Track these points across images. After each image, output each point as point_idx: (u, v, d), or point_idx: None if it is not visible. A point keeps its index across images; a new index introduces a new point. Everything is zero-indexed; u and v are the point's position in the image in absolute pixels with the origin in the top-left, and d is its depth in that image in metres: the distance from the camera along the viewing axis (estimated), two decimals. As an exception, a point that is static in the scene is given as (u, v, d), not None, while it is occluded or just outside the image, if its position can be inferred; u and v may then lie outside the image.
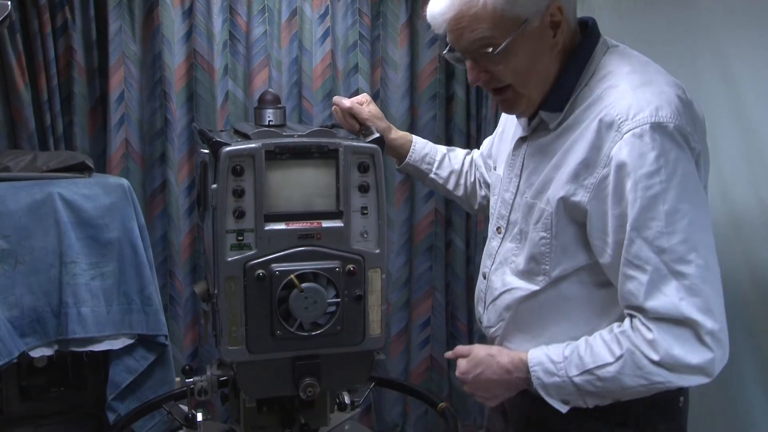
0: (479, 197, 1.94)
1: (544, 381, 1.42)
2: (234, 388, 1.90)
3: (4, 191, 2.04)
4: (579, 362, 1.39)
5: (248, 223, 1.66)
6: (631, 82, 1.36)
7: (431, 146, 1.96)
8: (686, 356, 1.31)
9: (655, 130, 1.30)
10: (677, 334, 1.31)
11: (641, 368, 1.34)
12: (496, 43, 1.37)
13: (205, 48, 2.69)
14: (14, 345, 2.01)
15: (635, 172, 1.30)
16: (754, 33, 1.91)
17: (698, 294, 1.30)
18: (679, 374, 1.33)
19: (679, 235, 1.30)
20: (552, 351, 1.43)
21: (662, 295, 1.31)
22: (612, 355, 1.36)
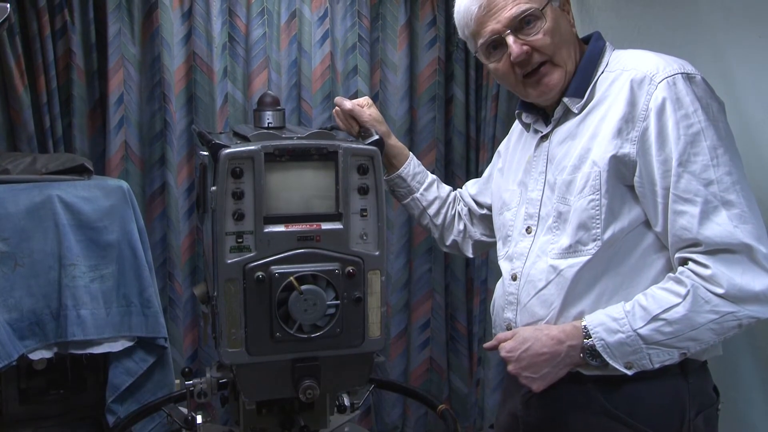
0: (455, 231, 1.95)
1: (607, 340, 1.40)
2: (233, 390, 1.90)
3: (3, 194, 2.04)
4: (643, 313, 1.39)
5: (247, 225, 1.67)
6: (650, 53, 1.49)
7: (423, 169, 1.99)
8: (750, 283, 1.34)
9: (685, 79, 1.41)
10: (735, 263, 1.34)
11: (709, 302, 1.35)
12: (536, 11, 1.50)
13: (205, 50, 2.69)
14: (13, 348, 2.01)
15: (675, 114, 1.39)
16: (752, 34, 1.91)
17: (749, 221, 1.36)
18: (745, 304, 1.35)
19: (723, 168, 1.37)
20: (611, 310, 1.43)
21: (715, 224, 1.35)
22: (677, 295, 1.38)
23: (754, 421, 1.98)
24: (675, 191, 1.38)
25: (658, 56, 1.47)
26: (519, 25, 1.51)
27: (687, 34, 2.08)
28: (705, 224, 1.36)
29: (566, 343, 1.45)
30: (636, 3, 2.26)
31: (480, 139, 3.03)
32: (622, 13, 2.30)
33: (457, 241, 1.95)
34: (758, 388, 1.97)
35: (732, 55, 1.96)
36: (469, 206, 1.95)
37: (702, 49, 2.04)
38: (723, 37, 1.98)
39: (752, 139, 1.93)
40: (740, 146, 1.94)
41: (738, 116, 1.95)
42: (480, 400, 3.11)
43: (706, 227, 1.36)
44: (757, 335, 1.96)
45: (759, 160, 1.91)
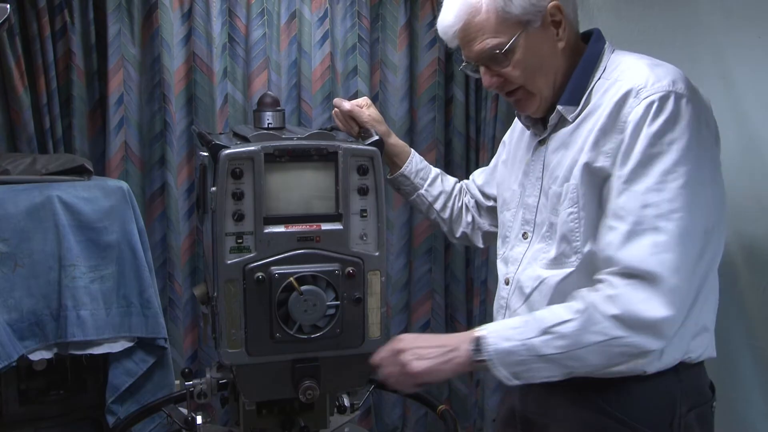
0: (464, 223, 1.94)
1: (500, 346, 1.39)
2: (233, 390, 1.90)
3: (3, 194, 2.04)
4: (537, 324, 1.39)
5: (247, 226, 1.67)
6: (646, 63, 1.44)
7: (426, 164, 1.97)
8: (644, 312, 1.31)
9: (670, 97, 1.35)
10: (640, 289, 1.32)
11: (599, 323, 1.34)
12: (502, 46, 1.46)
13: (204, 51, 2.69)
14: (13, 348, 2.01)
15: (646, 131, 1.34)
16: (752, 35, 1.91)
17: (671, 251, 1.32)
18: (635, 332, 1.33)
19: (668, 194, 1.33)
20: (510, 320, 1.46)
21: (635, 246, 1.33)
22: (573, 312, 1.37)
23: (754, 421, 1.98)
24: (613, 206, 1.37)
25: (654, 68, 1.41)
26: (488, 58, 1.49)
27: (687, 34, 2.08)
28: (626, 244, 1.34)
29: (460, 338, 1.45)
30: (636, 3, 2.26)
31: (480, 140, 3.03)
32: (622, 14, 2.31)
33: (466, 233, 1.94)
34: (758, 388, 1.97)
35: (732, 55, 1.96)
36: (476, 198, 1.93)
37: (702, 50, 2.04)
38: (723, 38, 1.98)
39: (752, 139, 1.93)
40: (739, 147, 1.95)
41: (738, 116, 1.96)
42: (480, 401, 3.11)
43: (626, 248, 1.34)
44: (757, 335, 1.96)
45: (759, 160, 1.92)
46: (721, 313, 2.02)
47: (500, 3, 1.45)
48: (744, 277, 1.98)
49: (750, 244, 1.95)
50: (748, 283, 1.97)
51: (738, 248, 1.98)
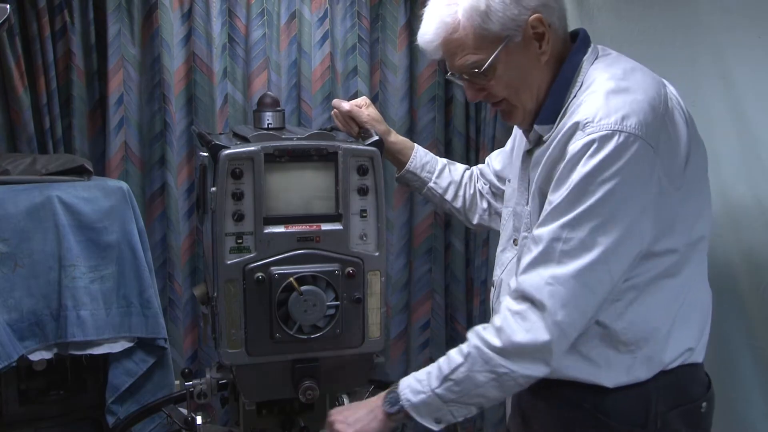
0: (479, 210, 1.93)
1: (413, 401, 1.46)
2: (233, 391, 1.90)
3: (3, 194, 2.04)
4: (438, 373, 1.44)
5: (247, 226, 1.67)
6: (607, 89, 1.39)
7: (432, 156, 1.96)
8: (526, 340, 1.36)
9: (613, 137, 1.32)
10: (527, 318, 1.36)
11: (487, 362, 1.39)
12: (481, 63, 1.44)
13: (204, 51, 2.69)
14: (13, 348, 2.01)
15: (581, 169, 1.33)
16: (752, 35, 1.91)
17: (566, 287, 1.34)
18: (519, 362, 1.38)
19: (582, 233, 1.34)
20: (420, 371, 1.49)
21: (536, 274, 1.36)
22: (461, 355, 1.42)
23: (754, 421, 1.98)
24: (534, 231, 1.40)
25: (610, 97, 1.36)
26: (470, 73, 1.48)
27: (687, 34, 2.08)
28: (530, 271, 1.38)
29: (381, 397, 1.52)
30: (636, 3, 2.26)
31: (480, 140, 3.02)
32: (622, 14, 2.30)
33: (484, 219, 1.93)
34: (758, 388, 1.97)
35: (732, 55, 1.96)
36: (490, 183, 1.91)
37: (702, 50, 2.04)
38: (723, 38, 1.98)
39: (751, 140, 1.93)
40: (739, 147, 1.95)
41: (738, 116, 1.96)
42: (480, 401, 3.10)
43: (529, 273, 1.37)
44: (757, 335, 1.96)
45: (759, 160, 1.91)
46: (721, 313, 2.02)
47: (478, 20, 1.42)
48: (744, 278, 1.98)
49: (750, 244, 1.95)
50: (747, 283, 1.97)
51: (738, 248, 1.98)
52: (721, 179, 1.99)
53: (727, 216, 2.00)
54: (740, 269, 1.98)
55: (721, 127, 1.99)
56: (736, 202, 1.97)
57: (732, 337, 2.01)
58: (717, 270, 2.01)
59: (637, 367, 1.44)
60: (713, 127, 2.00)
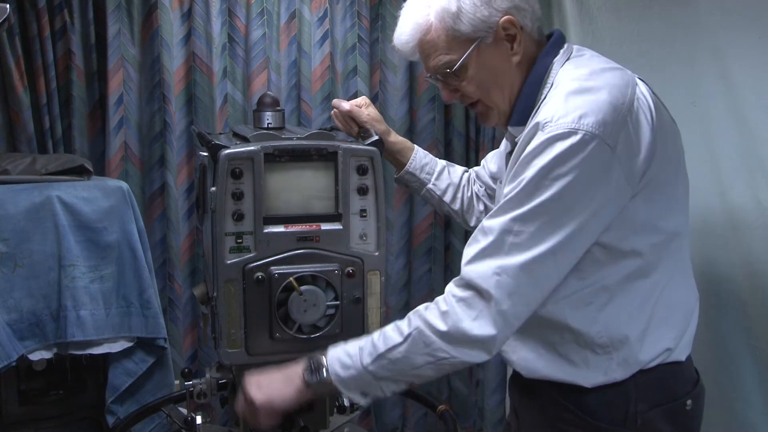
0: (476, 212, 1.94)
1: (341, 375, 1.45)
2: (233, 390, 1.90)
3: (2, 194, 2.03)
4: (372, 349, 1.44)
5: (247, 226, 1.67)
6: (569, 89, 1.40)
7: (431, 157, 1.97)
8: (471, 329, 1.36)
9: (570, 135, 1.32)
10: (472, 306, 1.37)
11: (428, 345, 1.39)
12: (453, 63, 1.47)
13: (204, 51, 2.69)
14: (13, 348, 2.01)
15: (535, 162, 1.34)
16: (752, 35, 1.91)
17: (514, 278, 1.35)
18: (461, 348, 1.38)
19: (532, 227, 1.35)
20: (349, 345, 1.48)
21: (483, 264, 1.38)
22: (401, 335, 1.42)
23: (754, 421, 1.98)
24: (484, 221, 1.41)
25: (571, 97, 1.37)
26: (443, 74, 1.51)
27: (687, 34, 2.08)
28: (477, 261, 1.39)
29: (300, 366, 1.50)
30: (636, 3, 2.26)
31: (480, 140, 3.02)
32: (621, 14, 2.31)
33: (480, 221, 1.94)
34: (758, 388, 1.97)
35: (732, 55, 1.96)
36: (486, 185, 1.93)
37: (702, 50, 2.04)
38: (723, 38, 1.98)
39: (751, 140, 1.93)
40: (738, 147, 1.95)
41: (738, 116, 1.96)
42: (480, 401, 3.10)
43: (476, 264, 1.39)
44: (757, 335, 1.96)
45: (759, 160, 1.91)
46: (721, 313, 2.02)
47: (449, 21, 1.46)
48: (744, 278, 1.98)
49: (750, 244, 1.95)
50: (747, 283, 1.97)
51: (738, 249, 1.98)
52: (721, 179, 1.99)
53: (726, 217, 2.00)
54: (740, 269, 1.98)
55: (721, 127, 1.99)
56: (736, 202, 1.97)
57: (732, 337, 2.01)
58: (716, 270, 2.02)
59: (614, 368, 1.45)
60: (713, 127, 2.00)
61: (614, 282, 1.43)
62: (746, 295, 1.97)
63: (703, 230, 2.01)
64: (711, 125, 2.00)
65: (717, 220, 2.01)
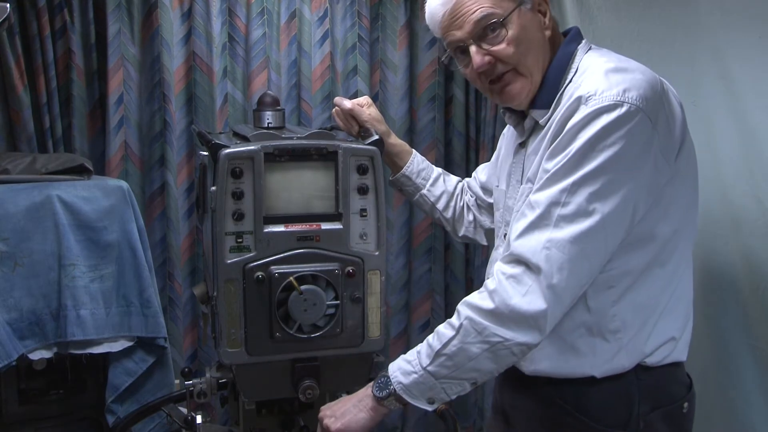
0: (466, 222, 1.94)
1: (404, 383, 1.44)
2: (233, 390, 1.90)
3: (2, 194, 2.03)
4: (429, 350, 1.43)
5: (247, 226, 1.67)
6: (607, 68, 1.41)
7: (428, 163, 1.97)
8: (521, 305, 1.34)
9: (616, 108, 1.33)
10: (521, 282, 1.35)
11: (480, 332, 1.38)
12: (499, 16, 1.46)
13: (204, 50, 2.69)
14: (13, 348, 2.01)
15: (583, 136, 1.34)
16: (752, 35, 1.91)
17: (563, 251, 1.34)
18: (512, 327, 1.36)
19: (581, 197, 1.34)
20: (409, 352, 1.47)
21: (532, 238, 1.36)
22: (452, 328, 1.41)
23: (754, 421, 1.98)
24: (532, 195, 1.39)
25: (610, 74, 1.39)
26: (482, 32, 1.47)
27: (687, 34, 2.08)
28: (525, 235, 1.37)
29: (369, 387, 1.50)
30: (636, 3, 2.26)
31: (480, 140, 3.02)
32: (622, 14, 2.31)
33: (469, 231, 1.94)
34: (758, 388, 1.97)
35: (732, 55, 1.96)
36: (476, 196, 1.93)
37: (702, 50, 2.04)
38: (723, 38, 1.98)
39: (751, 139, 1.93)
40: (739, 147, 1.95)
41: (738, 116, 1.96)
42: (480, 401, 3.11)
43: (524, 237, 1.37)
44: (757, 335, 1.96)
45: (759, 160, 1.91)
46: (721, 313, 2.02)
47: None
48: (744, 278, 1.98)
49: (750, 244, 1.95)
50: (747, 283, 1.97)
51: (738, 248, 1.98)
52: (721, 179, 1.99)
53: (727, 216, 2.00)
54: (740, 269, 1.98)
55: (721, 127, 1.99)
56: (737, 202, 1.97)
57: (732, 337, 2.01)
58: (717, 270, 2.02)
59: (622, 356, 1.44)
60: (713, 127, 2.00)
61: (637, 268, 1.43)
62: (746, 295, 1.97)
63: (703, 230, 2.00)
64: (711, 125, 2.00)
65: (717, 220, 2.01)
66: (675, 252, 1.46)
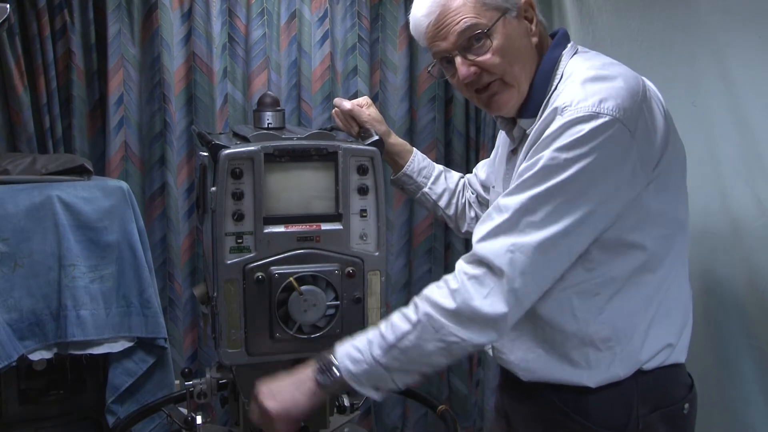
0: (468, 219, 1.94)
1: (353, 371, 1.41)
2: (233, 390, 1.90)
3: (3, 194, 2.03)
4: (381, 341, 1.41)
5: (247, 226, 1.67)
6: (585, 77, 1.40)
7: (429, 161, 1.97)
8: (482, 306, 1.34)
9: (591, 119, 1.33)
10: (483, 283, 1.35)
11: (438, 330, 1.37)
12: (483, 27, 1.45)
13: (204, 51, 2.69)
14: (13, 348, 2.01)
15: (556, 145, 1.34)
16: (752, 35, 1.91)
17: (527, 256, 1.34)
18: (472, 328, 1.36)
19: (549, 206, 1.34)
20: (357, 339, 1.45)
21: (497, 242, 1.36)
22: (409, 322, 1.39)
23: (754, 421, 1.98)
24: (500, 199, 1.39)
25: (588, 84, 1.38)
26: (467, 43, 1.47)
27: (687, 34, 2.08)
28: (491, 238, 1.36)
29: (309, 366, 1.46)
30: (636, 3, 2.26)
31: (480, 140, 3.02)
32: (622, 14, 2.31)
33: (471, 228, 1.94)
34: (758, 388, 1.97)
35: (732, 55, 1.96)
36: (477, 193, 1.92)
37: (702, 50, 2.04)
38: (723, 38, 1.98)
39: (751, 140, 1.93)
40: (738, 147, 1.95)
41: (738, 116, 1.96)
42: (480, 401, 3.11)
43: (489, 241, 1.36)
44: (757, 335, 1.96)
45: (759, 160, 1.91)
46: (721, 313, 2.02)
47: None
48: (743, 278, 1.98)
49: (750, 244, 1.95)
50: (747, 283, 1.97)
51: (738, 248, 1.98)
52: (721, 179, 1.99)
53: (726, 217, 2.00)
54: (740, 269, 1.98)
55: (721, 127, 1.99)
56: (736, 202, 1.98)
57: (732, 337, 2.01)
58: (717, 270, 2.02)
59: (616, 364, 1.44)
60: (713, 127, 2.00)
61: (622, 274, 1.42)
62: (746, 295, 1.97)
63: (703, 230, 2.01)
64: (711, 125, 2.00)
65: (717, 220, 2.01)
66: (667, 257, 1.45)
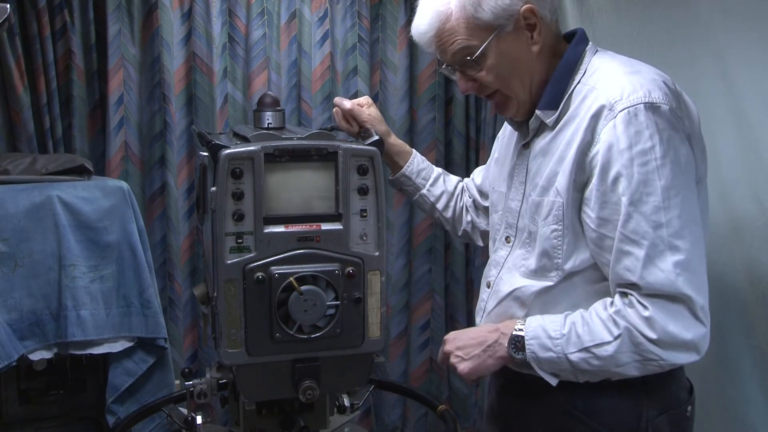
0: (464, 222, 1.95)
1: (539, 356, 1.43)
2: (233, 390, 1.90)
3: (3, 194, 2.04)
4: (577, 340, 1.41)
5: (247, 226, 1.66)
6: (623, 70, 1.42)
7: (428, 163, 1.97)
8: (681, 332, 1.35)
9: (648, 110, 1.34)
10: (672, 311, 1.35)
11: (637, 346, 1.37)
12: (473, 51, 1.46)
13: (205, 51, 2.69)
14: (13, 348, 2.01)
15: (631, 149, 1.34)
16: (752, 35, 1.91)
17: (692, 270, 1.35)
18: (673, 351, 1.36)
19: (674, 210, 1.34)
20: (549, 325, 1.44)
21: (659, 270, 1.34)
22: (610, 334, 1.39)
23: (754, 421, 1.98)
24: (623, 230, 1.36)
25: (629, 76, 1.39)
26: (462, 62, 1.49)
27: (687, 34, 2.09)
28: (648, 268, 1.34)
29: (500, 331, 1.49)
30: (636, 3, 2.26)
31: (480, 140, 3.03)
32: (622, 14, 2.31)
33: (467, 232, 1.95)
34: (758, 388, 1.97)
35: (732, 55, 1.96)
36: (473, 198, 1.93)
37: (702, 49, 2.04)
38: (723, 38, 1.98)
39: (751, 140, 1.93)
40: (739, 147, 1.95)
41: (738, 116, 1.96)
42: (480, 401, 3.11)
43: (649, 272, 1.34)
44: (757, 335, 1.96)
45: (759, 160, 1.92)
46: (721, 313, 2.02)
47: (470, 9, 1.44)
48: (744, 277, 1.98)
49: (750, 244, 1.95)
50: (747, 283, 1.97)
51: (738, 248, 1.98)
52: (721, 180, 1.99)
53: (727, 216, 2.00)
54: (740, 269, 1.98)
55: (721, 127, 1.99)
56: (736, 202, 1.98)
57: (732, 336, 2.01)
58: (717, 270, 2.02)
59: None
60: (713, 127, 2.00)
61: None
62: (746, 295, 1.97)
63: (703, 230, 2.01)
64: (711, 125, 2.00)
65: (717, 220, 2.01)
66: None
